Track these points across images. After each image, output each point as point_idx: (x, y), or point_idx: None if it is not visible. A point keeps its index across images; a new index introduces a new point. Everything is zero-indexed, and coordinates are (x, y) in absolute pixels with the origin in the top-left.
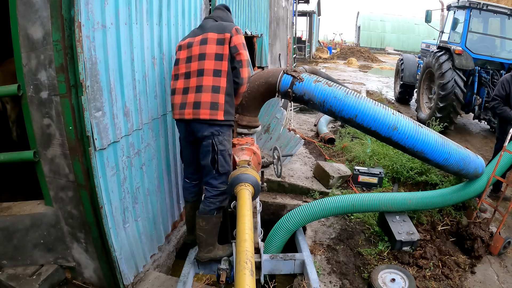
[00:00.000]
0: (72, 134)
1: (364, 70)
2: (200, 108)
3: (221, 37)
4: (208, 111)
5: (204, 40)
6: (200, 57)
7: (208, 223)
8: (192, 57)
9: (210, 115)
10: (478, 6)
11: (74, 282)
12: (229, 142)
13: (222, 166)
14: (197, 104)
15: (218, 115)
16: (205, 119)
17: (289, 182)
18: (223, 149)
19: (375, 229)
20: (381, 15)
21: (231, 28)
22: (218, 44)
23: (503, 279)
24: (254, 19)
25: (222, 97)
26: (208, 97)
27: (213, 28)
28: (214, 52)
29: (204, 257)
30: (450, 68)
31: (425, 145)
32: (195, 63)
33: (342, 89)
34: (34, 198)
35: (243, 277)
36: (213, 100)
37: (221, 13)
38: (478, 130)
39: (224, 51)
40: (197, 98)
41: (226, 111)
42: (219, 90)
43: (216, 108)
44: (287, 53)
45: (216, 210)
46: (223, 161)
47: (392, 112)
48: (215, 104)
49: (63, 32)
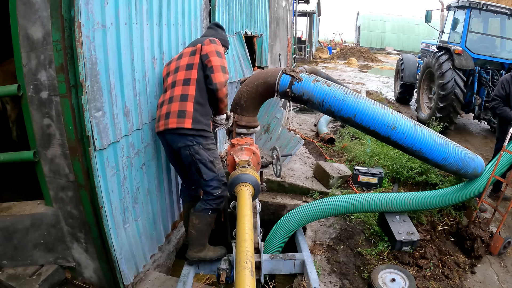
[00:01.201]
0: (72, 134)
1: (364, 70)
2: (169, 118)
3: (194, 49)
4: (176, 119)
5: (180, 56)
6: (175, 71)
7: (201, 222)
8: (169, 73)
9: (177, 124)
10: (478, 6)
11: (74, 282)
12: (207, 149)
13: (205, 174)
14: (167, 115)
15: (185, 123)
16: (173, 128)
17: (289, 182)
18: (200, 158)
19: (375, 229)
20: (381, 15)
21: (204, 40)
22: (190, 56)
23: (503, 279)
24: (254, 19)
25: (191, 105)
26: (176, 106)
27: (190, 44)
28: (186, 63)
29: (194, 256)
30: (450, 68)
31: (424, 144)
32: (170, 77)
33: (341, 89)
34: (34, 198)
35: (243, 277)
36: (181, 108)
37: (209, 32)
38: (478, 130)
39: (195, 60)
40: (168, 109)
41: (195, 119)
42: (187, 98)
43: (183, 116)
44: (287, 53)
45: (211, 210)
46: (205, 169)
47: (391, 112)
48: (182, 112)
49: (63, 32)
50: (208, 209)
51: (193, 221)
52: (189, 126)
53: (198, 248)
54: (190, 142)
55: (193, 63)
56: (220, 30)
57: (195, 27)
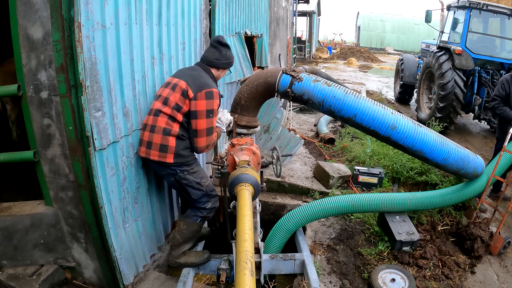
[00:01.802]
0: (72, 134)
1: (364, 70)
2: (151, 148)
3: (186, 91)
4: (158, 153)
5: (174, 86)
6: (164, 100)
7: (188, 228)
8: (160, 96)
9: (158, 157)
10: (478, 6)
11: (74, 282)
12: (192, 173)
13: (194, 194)
14: (149, 144)
15: (167, 157)
16: (155, 160)
17: (289, 182)
18: (187, 182)
19: (375, 229)
20: (381, 15)
21: (199, 89)
22: (181, 96)
23: (503, 279)
24: (254, 19)
25: (173, 140)
26: (158, 138)
27: (188, 78)
28: (175, 102)
29: (174, 262)
30: (450, 68)
31: (424, 144)
32: (158, 103)
33: (341, 89)
34: (34, 198)
35: (243, 277)
36: (163, 142)
37: (211, 53)
38: (478, 130)
39: (184, 107)
40: (150, 138)
41: (177, 154)
42: (170, 132)
43: (165, 151)
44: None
45: (200, 218)
46: (193, 190)
47: (391, 112)
48: (164, 147)
49: (63, 32)
50: (198, 217)
51: (180, 226)
52: (171, 161)
53: (179, 253)
54: (174, 171)
55: (182, 107)
56: (225, 49)
57: (194, 27)
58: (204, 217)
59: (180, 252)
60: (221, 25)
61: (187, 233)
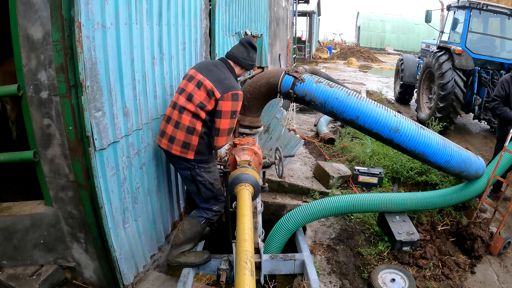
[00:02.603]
0: (72, 134)
1: (364, 70)
2: (173, 143)
3: (211, 91)
4: (179, 148)
5: (200, 84)
6: (188, 96)
7: (191, 228)
8: (184, 91)
9: (180, 153)
10: (478, 6)
11: (74, 282)
12: (209, 172)
13: (204, 193)
14: (172, 139)
15: (189, 154)
16: (176, 154)
17: (289, 182)
18: (202, 179)
19: (375, 229)
20: (381, 15)
21: (225, 91)
22: (207, 95)
23: (503, 279)
24: (254, 19)
25: (196, 139)
26: (182, 135)
27: (215, 78)
28: (200, 100)
29: (174, 261)
30: (450, 68)
31: (427, 147)
32: (183, 98)
33: (344, 90)
34: (34, 198)
35: (243, 277)
36: (186, 140)
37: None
38: (478, 130)
39: (208, 106)
40: (173, 133)
41: (198, 151)
42: (193, 132)
43: (188, 148)
44: (287, 53)
45: (205, 220)
46: (205, 189)
47: (394, 114)
48: (187, 144)
49: (63, 32)
50: (202, 218)
51: (184, 225)
52: (192, 157)
53: (179, 253)
54: (192, 166)
55: (206, 105)
56: (252, 51)
57: (195, 27)
58: (209, 219)
59: (180, 252)
60: (221, 25)
61: (189, 234)
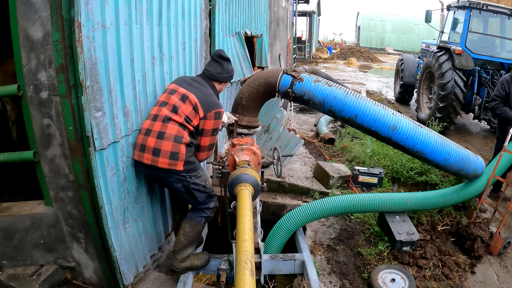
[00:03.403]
0: (72, 134)
1: (364, 70)
2: (159, 156)
3: (196, 107)
4: (167, 160)
5: (184, 97)
6: (173, 108)
7: (193, 229)
8: (167, 104)
9: (168, 165)
10: (478, 6)
11: (74, 282)
12: (200, 176)
13: (200, 197)
14: (156, 151)
15: (177, 165)
16: (164, 168)
17: (289, 182)
18: (196, 187)
19: (375, 229)
20: (381, 15)
21: (209, 110)
22: (193, 110)
23: (503, 279)
24: (254, 19)
25: (183, 147)
26: (169, 146)
27: (199, 94)
28: (187, 114)
29: (180, 267)
30: (450, 68)
31: (425, 145)
32: (166, 110)
33: (342, 89)
34: (34, 198)
35: (243, 277)
36: (174, 150)
37: (214, 67)
38: (478, 130)
39: (194, 121)
40: (157, 144)
41: (186, 161)
42: (181, 140)
43: (176, 159)
44: (287, 53)
45: (204, 219)
46: (200, 193)
47: (392, 112)
48: (175, 154)
49: (63, 32)
50: (202, 218)
51: (185, 229)
52: (181, 168)
53: (184, 257)
54: (183, 177)
55: (192, 120)
56: (226, 63)
57: (195, 27)
58: (208, 217)
59: (185, 256)
60: (221, 25)
61: (192, 235)
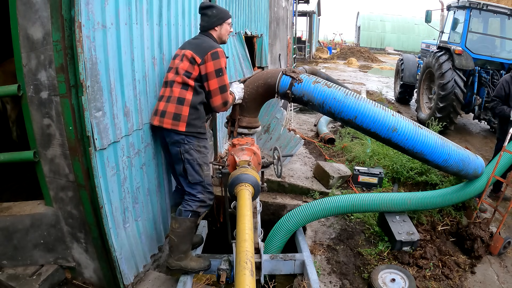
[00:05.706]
0: (72, 134)
1: (364, 70)
2: (164, 117)
3: (193, 58)
4: (171, 121)
5: (182, 56)
6: (175, 71)
7: (180, 226)
8: (172, 68)
9: (171, 125)
10: (478, 6)
11: (74, 282)
12: (198, 152)
13: (191, 176)
14: (163, 113)
15: (180, 126)
16: (167, 128)
17: (289, 182)
18: (190, 158)
19: (375, 229)
20: (381, 15)
21: (204, 53)
22: (190, 63)
23: (503, 279)
24: (254, 19)
25: (186, 109)
26: (173, 107)
27: (193, 46)
28: (185, 70)
29: (174, 265)
30: (450, 68)
31: (424, 146)
32: (171, 74)
33: (342, 90)
34: (34, 198)
35: (243, 277)
36: (177, 111)
37: (203, 20)
38: (478, 130)
39: (194, 72)
40: (165, 107)
41: (189, 123)
42: (183, 102)
43: (178, 120)
44: (287, 53)
45: (191, 213)
46: (192, 170)
47: (392, 114)
48: (177, 116)
49: (63, 32)
50: (188, 212)
51: (172, 226)
52: (183, 129)
53: (179, 255)
54: (182, 140)
55: (191, 73)
56: (210, 10)
57: (195, 27)
58: (194, 211)
59: (180, 254)
60: None
61: (180, 231)
